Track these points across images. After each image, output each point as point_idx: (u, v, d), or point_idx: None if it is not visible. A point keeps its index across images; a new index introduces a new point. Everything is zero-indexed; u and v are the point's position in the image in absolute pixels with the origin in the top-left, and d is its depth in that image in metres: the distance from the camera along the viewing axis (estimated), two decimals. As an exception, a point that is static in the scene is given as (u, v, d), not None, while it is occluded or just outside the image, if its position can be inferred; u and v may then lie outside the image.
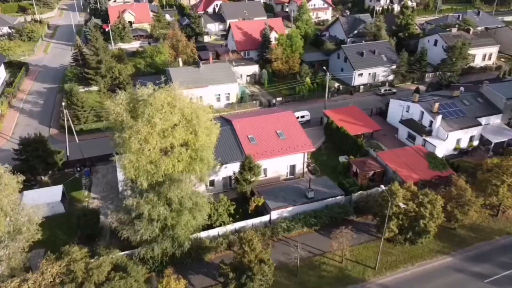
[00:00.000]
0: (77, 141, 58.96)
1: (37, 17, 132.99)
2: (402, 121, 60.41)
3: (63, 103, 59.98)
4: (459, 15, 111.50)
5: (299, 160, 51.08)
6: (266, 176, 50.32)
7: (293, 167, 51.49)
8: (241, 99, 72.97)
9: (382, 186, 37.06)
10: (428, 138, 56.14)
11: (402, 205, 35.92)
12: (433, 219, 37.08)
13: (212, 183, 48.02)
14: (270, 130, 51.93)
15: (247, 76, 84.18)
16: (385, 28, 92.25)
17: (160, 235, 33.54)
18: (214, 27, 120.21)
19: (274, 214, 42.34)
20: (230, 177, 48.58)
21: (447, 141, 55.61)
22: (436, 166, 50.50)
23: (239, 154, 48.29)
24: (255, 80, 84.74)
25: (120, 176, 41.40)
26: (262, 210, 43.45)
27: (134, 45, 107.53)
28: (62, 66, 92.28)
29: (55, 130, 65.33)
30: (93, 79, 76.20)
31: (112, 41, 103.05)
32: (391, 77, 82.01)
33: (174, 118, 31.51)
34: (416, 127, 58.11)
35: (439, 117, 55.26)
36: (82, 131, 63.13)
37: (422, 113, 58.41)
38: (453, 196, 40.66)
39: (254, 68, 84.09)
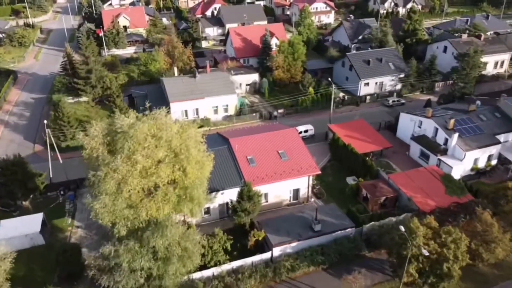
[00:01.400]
0: (61, 161, 54.35)
1: (30, 21, 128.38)
2: (414, 138, 55.85)
3: (45, 122, 55.39)
4: (467, 19, 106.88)
5: (303, 184, 46.55)
6: (267, 201, 45.83)
7: (296, 191, 46.97)
8: (240, 111, 68.45)
9: (402, 227, 32.46)
10: (443, 158, 51.61)
11: (425, 252, 31.32)
12: (457, 262, 32.54)
13: (207, 210, 43.51)
14: (271, 150, 47.39)
15: (247, 85, 79.67)
16: (391, 33, 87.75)
17: (145, 284, 29.06)
18: (212, 32, 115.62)
19: (277, 251, 37.81)
20: (227, 203, 44.04)
21: (464, 161, 51.07)
22: (453, 190, 45.97)
23: (238, 178, 43.76)
24: (255, 89, 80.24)
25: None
26: (262, 245, 38.90)
27: (129, 51, 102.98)
28: (52, 74, 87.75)
29: (40, 146, 60.80)
30: (82, 90, 71.65)
31: (105, 47, 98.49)
32: (398, 87, 77.44)
33: (160, 153, 26.97)
34: (430, 145, 53.56)
35: (456, 135, 50.71)
36: (69, 148, 58.63)
37: (436, 129, 53.87)
38: (478, 232, 36.11)
39: (254, 77, 79.58)
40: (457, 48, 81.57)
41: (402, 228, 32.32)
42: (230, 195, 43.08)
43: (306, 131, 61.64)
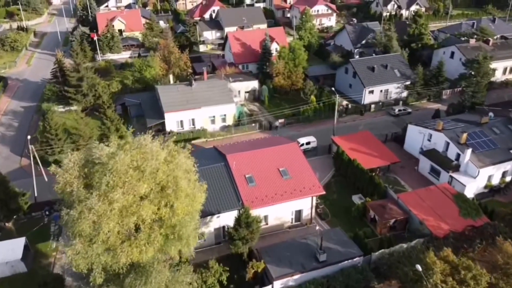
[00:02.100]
0: (46, 178, 50.95)
1: (24, 24, 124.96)
2: (424, 153, 52.50)
3: (28, 137, 52.00)
4: (473, 23, 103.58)
5: (306, 205, 43.20)
6: (267, 224, 42.51)
7: (299, 212, 43.63)
8: (239, 121, 65.10)
9: (419, 267, 29.12)
10: (455, 175, 48.27)
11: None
12: (478, 301, 29.29)
13: (202, 235, 40.11)
14: (271, 168, 44.06)
15: (246, 92, 76.35)
16: (396, 38, 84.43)
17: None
18: (210, 35, 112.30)
19: (278, 284, 34.45)
20: (224, 227, 40.71)
21: (478, 179, 47.74)
22: (467, 212, 42.64)
23: (235, 200, 40.42)
24: (254, 97, 76.91)
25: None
26: (262, 277, 35.54)
27: (124, 55, 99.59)
28: (44, 81, 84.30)
29: (27, 160, 57.38)
30: (73, 98, 68.33)
31: (99, 52, 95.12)
32: (404, 94, 74.13)
33: (143, 188, 23.63)
34: (441, 161, 50.23)
35: (469, 151, 47.37)
36: (57, 162, 55.00)
37: (447, 144, 50.54)
38: (498, 264, 32.79)
39: (254, 84, 76.25)
40: (465, 54, 78.32)
41: (418, 267, 28.96)
42: (226, 218, 39.78)
43: (308, 143, 58.33)
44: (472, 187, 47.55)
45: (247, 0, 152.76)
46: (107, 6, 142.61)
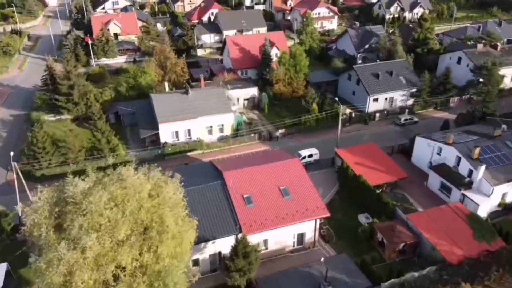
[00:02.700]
0: (30, 197, 47.75)
1: (18, 27, 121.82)
2: (433, 168, 49.43)
3: (11, 153, 49.09)
4: (479, 26, 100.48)
5: (309, 228, 40.17)
6: (266, 248, 39.47)
7: (301, 236, 40.59)
8: (237, 131, 62.01)
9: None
10: (467, 193, 45.22)
11: None
12: None
13: (196, 262, 37.07)
14: (271, 186, 41.06)
15: (245, 100, 73.33)
16: (401, 42, 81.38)
17: None
18: (209, 39, 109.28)
19: (279, 321, 31.50)
20: (219, 252, 37.66)
21: (492, 197, 44.69)
22: (482, 234, 39.67)
23: (232, 224, 37.39)
24: (253, 104, 73.89)
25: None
26: (262, 313, 32.55)
27: (120, 60, 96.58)
28: (35, 87, 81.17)
29: (14, 174, 54.27)
30: (64, 107, 65.30)
31: (92, 57, 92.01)
32: (410, 102, 71.11)
33: (122, 231, 20.60)
34: (452, 177, 47.17)
35: (483, 168, 44.31)
36: (44, 177, 52.20)
37: (459, 158, 47.48)
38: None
39: (253, 91, 73.21)
40: (473, 60, 75.30)
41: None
42: (222, 243, 36.74)
43: (310, 155, 55.28)
44: (485, 206, 44.52)
45: (247, 2, 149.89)
46: (103, 8, 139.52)
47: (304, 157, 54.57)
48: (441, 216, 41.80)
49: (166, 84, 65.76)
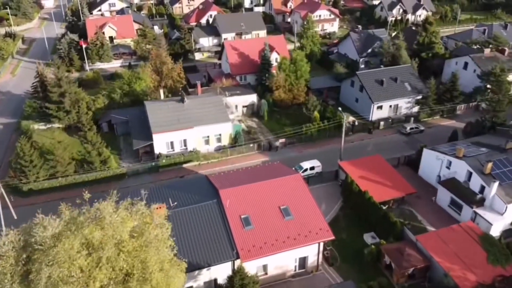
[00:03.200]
0: (15, 216, 45.05)
1: (12, 29, 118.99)
2: (443, 183, 46.66)
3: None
4: (484, 29, 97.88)
5: (312, 251, 37.40)
6: (266, 273, 36.73)
7: (303, 259, 37.82)
8: (236, 141, 59.25)
9: None
10: (480, 211, 42.46)
11: None
12: None
13: (190, 289, 34.38)
14: (271, 205, 38.33)
15: (243, 107, 70.61)
16: (405, 46, 78.65)
17: None
18: (207, 42, 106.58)
19: None
20: (215, 280, 34.92)
21: (505, 215, 41.95)
22: (496, 258, 36.95)
23: (228, 248, 34.61)
24: (252, 111, 71.18)
25: None
26: None
27: (115, 64, 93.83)
28: (27, 94, 78.44)
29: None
30: (54, 116, 62.57)
31: (86, 61, 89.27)
32: (415, 109, 68.40)
33: (97, 283, 17.79)
34: (463, 193, 44.42)
35: (496, 185, 41.52)
36: (32, 192, 49.47)
37: (470, 173, 44.73)
38: None
39: (252, 98, 70.49)
40: (480, 65, 72.63)
41: None
42: (218, 270, 34.00)
43: (312, 168, 52.50)
44: (498, 225, 41.76)
45: (246, 4, 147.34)
46: (100, 10, 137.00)
47: (305, 170, 51.88)
48: (452, 237, 39.07)
49: (161, 91, 62.99)
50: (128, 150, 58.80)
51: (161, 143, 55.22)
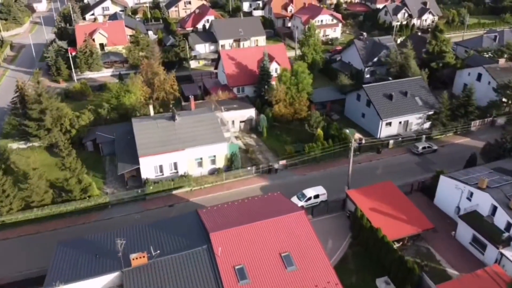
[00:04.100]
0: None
1: (0, 35, 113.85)
2: (463, 217, 41.47)
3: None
4: (495, 36, 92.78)
5: (317, 305, 32.18)
6: (265, 332, 31.55)
7: (308, 316, 32.60)
8: (232, 163, 54.01)
9: None
10: (506, 252, 37.29)
11: None
12: None
13: None
14: (271, 252, 33.13)
15: (241, 122, 65.48)
16: (414, 56, 73.52)
17: None
18: (204, 48, 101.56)
19: None
20: None
21: (538, 258, 36.82)
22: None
23: (220, 308, 29.44)
24: (251, 127, 66.07)
25: None
26: None
27: (105, 73, 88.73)
28: (10, 107, 73.20)
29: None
30: (34, 134, 57.42)
31: (73, 72, 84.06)
32: (426, 125, 63.29)
33: None
34: (486, 230, 39.24)
35: (528, 223, 36.41)
36: (5, 225, 44.29)
37: (494, 207, 39.56)
38: None
39: (250, 113, 65.34)
40: (495, 77, 67.57)
41: None
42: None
43: (316, 196, 47.31)
44: (530, 269, 36.62)
45: (245, 7, 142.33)
46: (93, 14, 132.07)
47: (309, 198, 46.75)
48: (477, 285, 33.91)
49: (151, 107, 57.74)
50: (114, 173, 53.59)
51: (148, 167, 50.02)
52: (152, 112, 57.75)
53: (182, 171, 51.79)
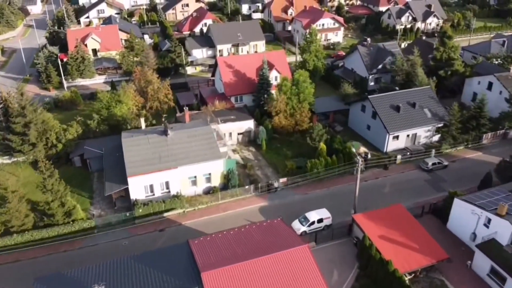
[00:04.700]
0: None
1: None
2: (481, 246, 37.85)
3: None
4: (504, 41, 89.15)
5: None
6: None
7: None
8: (229, 181, 50.28)
9: None
10: (533, 288, 33.71)
11: None
12: None
13: None
14: (270, 291, 29.49)
15: (239, 134, 61.88)
16: (421, 63, 69.92)
17: None
18: (201, 53, 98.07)
19: None
20: None
21: None
22: None
23: None
24: (249, 139, 62.48)
25: None
26: None
27: (98, 80, 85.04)
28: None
29: None
30: (18, 150, 53.77)
31: (63, 79, 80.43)
32: (435, 138, 59.71)
33: None
34: (506, 262, 35.59)
35: (557, 258, 32.79)
36: (-22, 253, 40.70)
37: (517, 237, 36.00)
38: None
39: (248, 124, 61.72)
40: (507, 86, 63.94)
41: None
42: None
43: (320, 220, 43.61)
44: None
45: (244, 10, 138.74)
46: (88, 17, 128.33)
47: (312, 223, 43.09)
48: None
49: (142, 120, 54.06)
50: (102, 192, 49.72)
51: (138, 187, 46.32)
52: (143, 125, 54.08)
53: (174, 191, 48.10)
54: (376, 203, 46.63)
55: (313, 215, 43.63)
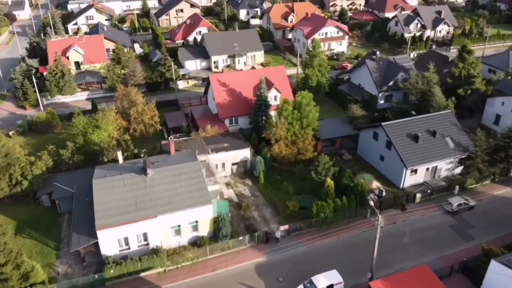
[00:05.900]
0: None
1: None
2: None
3: None
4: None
5: None
6: None
7: None
8: (219, 229, 42.41)
9: None
10: None
11: None
12: None
13: None
14: None
15: (233, 164, 54.27)
16: (437, 81, 62.38)
17: None
18: (194, 65, 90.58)
19: None
20: None
21: None
22: None
23: None
24: (245, 169, 54.88)
25: None
26: None
27: (80, 97, 77.24)
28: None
29: None
30: (-24, 188, 46.22)
31: (38, 97, 72.80)
32: (457, 170, 52.11)
33: None
34: None
35: None
36: None
37: None
38: None
39: (244, 153, 54.11)
40: (537, 109, 56.37)
41: None
42: None
43: (330, 286, 35.86)
44: None
45: (242, 15, 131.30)
46: (75, 24, 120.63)
47: (320, 289, 35.43)
48: None
49: (119, 154, 46.26)
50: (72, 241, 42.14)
51: (110, 242, 38.61)
52: (120, 159, 46.24)
53: (154, 243, 40.37)
54: (395, 258, 39.35)
55: (321, 280, 35.86)
